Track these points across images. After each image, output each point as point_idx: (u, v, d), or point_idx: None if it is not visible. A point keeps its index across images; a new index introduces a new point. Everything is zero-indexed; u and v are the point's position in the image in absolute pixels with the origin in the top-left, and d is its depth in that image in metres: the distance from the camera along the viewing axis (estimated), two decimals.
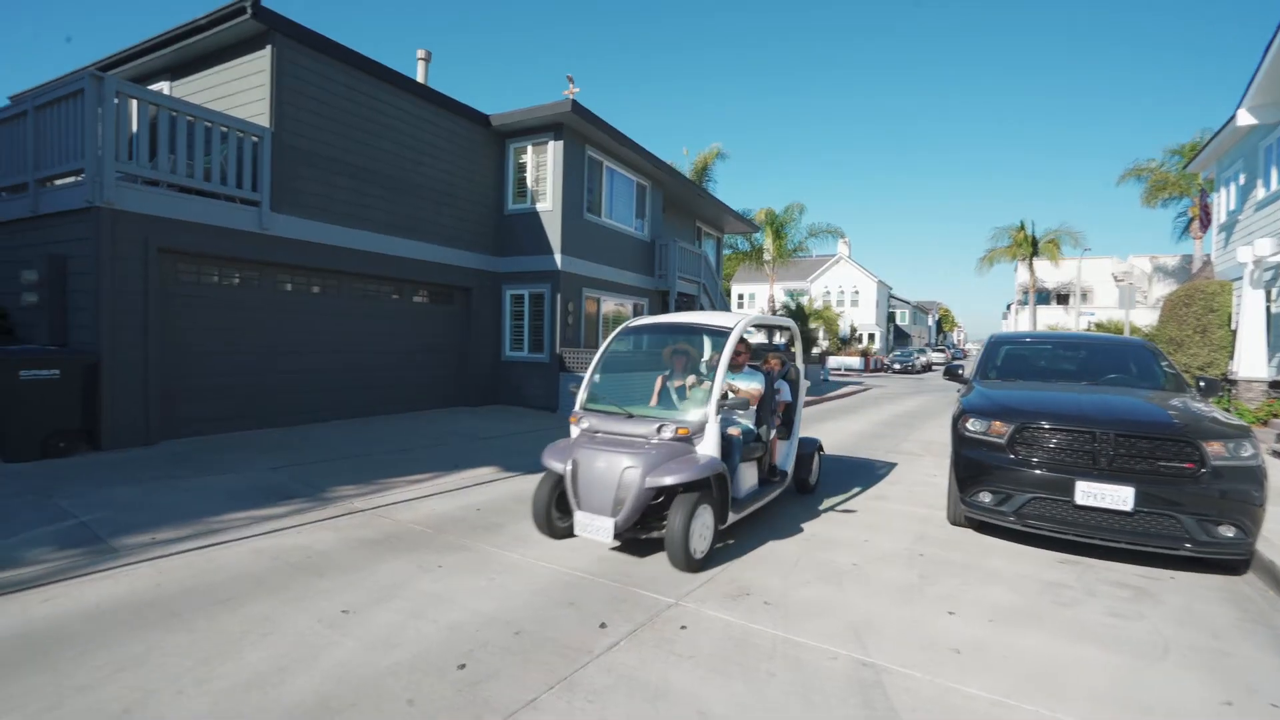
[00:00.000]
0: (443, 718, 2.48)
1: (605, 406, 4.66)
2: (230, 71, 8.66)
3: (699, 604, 3.62)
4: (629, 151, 13.05)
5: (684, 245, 15.96)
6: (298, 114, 8.57)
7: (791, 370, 6.12)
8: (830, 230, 28.40)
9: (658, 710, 2.58)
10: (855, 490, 6.61)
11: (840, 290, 52.88)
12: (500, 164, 12.17)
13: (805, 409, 16.44)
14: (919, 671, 2.91)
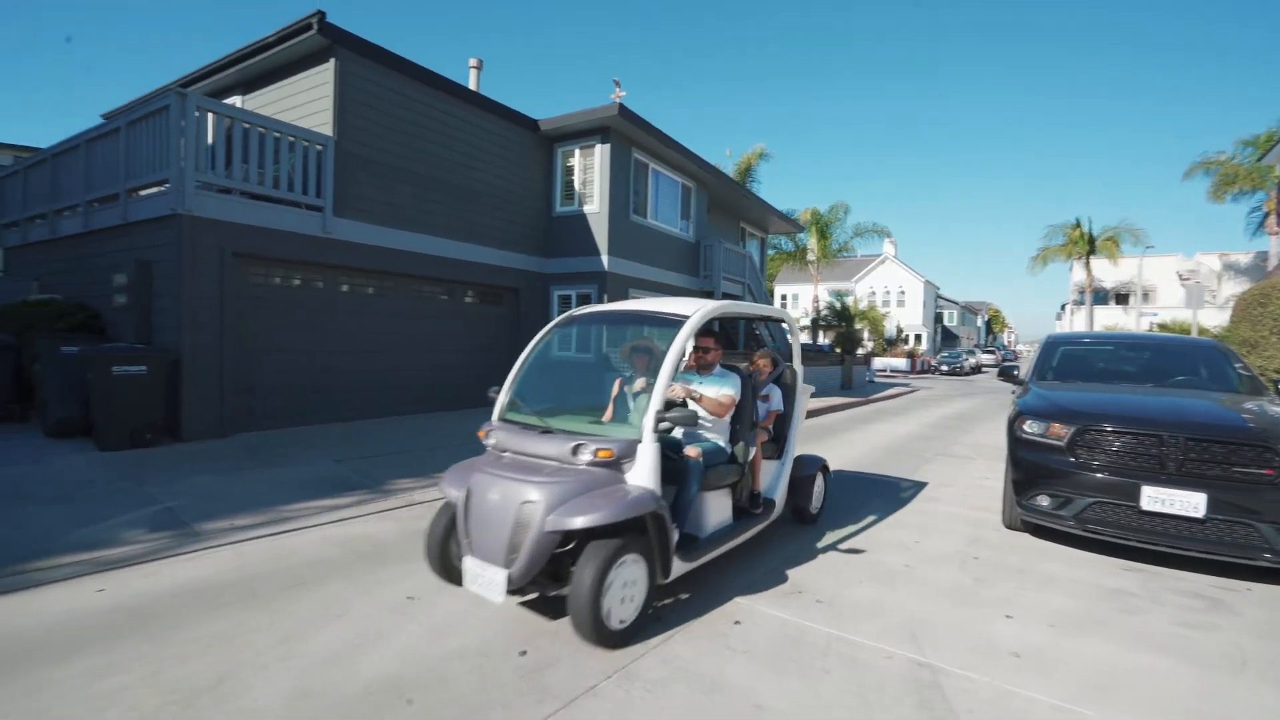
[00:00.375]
0: (506, 700, 2.60)
1: (524, 417, 3.64)
2: (296, 84, 9.10)
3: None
4: (674, 153, 13.12)
5: (728, 246, 15.94)
6: (358, 123, 8.94)
7: (787, 373, 5.08)
8: (876, 229, 27.86)
9: (714, 702, 2.65)
10: (869, 519, 5.39)
11: (886, 290, 51.79)
12: (548, 167, 12.41)
13: (848, 411, 16.30)
14: (977, 674, 2.90)
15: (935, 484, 7.01)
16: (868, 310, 34.34)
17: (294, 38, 8.43)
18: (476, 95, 10.93)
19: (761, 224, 20.93)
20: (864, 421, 12.73)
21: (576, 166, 12.18)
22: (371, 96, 9.09)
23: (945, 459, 8.65)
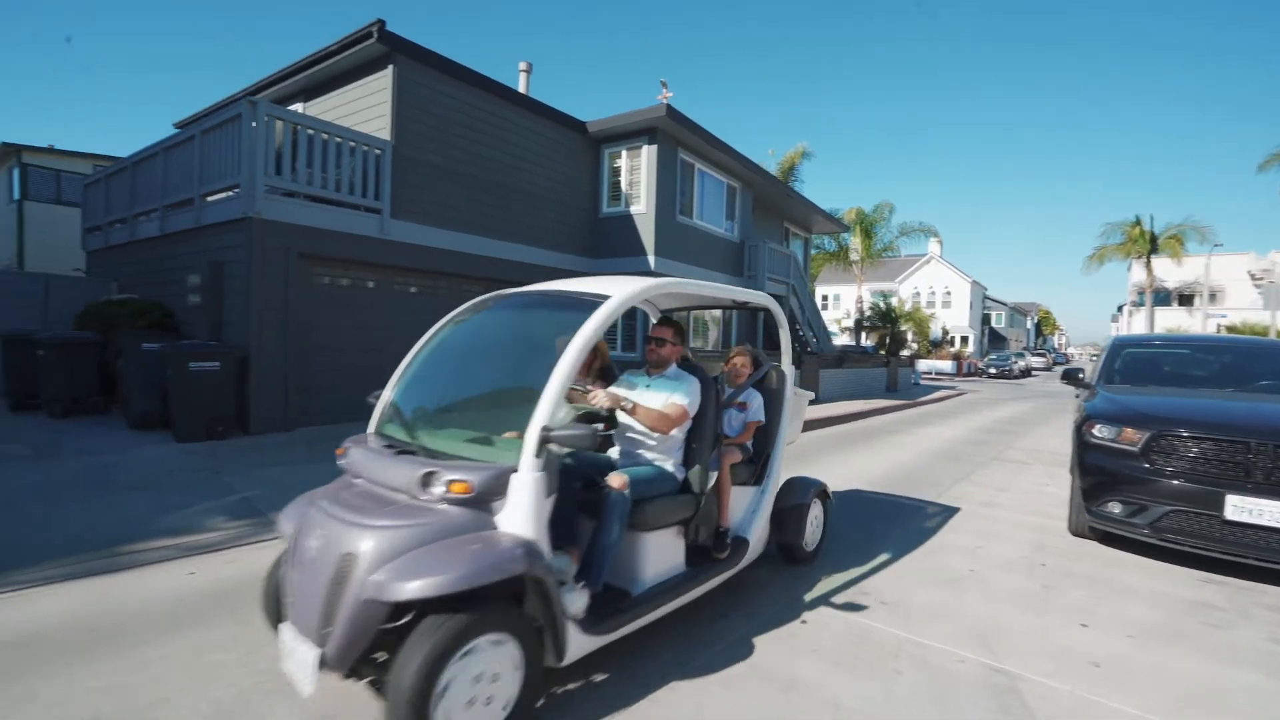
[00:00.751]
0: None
1: (397, 431, 2.88)
2: (355, 91, 9.41)
3: None
4: (720, 154, 13.10)
5: (773, 246, 15.84)
6: (414, 127, 9.20)
7: (772, 375, 4.03)
8: (923, 229, 27.27)
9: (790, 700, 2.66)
10: (927, 523, 5.07)
11: (930, 291, 50.57)
12: (595, 168, 12.53)
13: (895, 414, 15.93)
14: (1056, 681, 2.84)
15: (992, 489, 6.84)
16: (913, 311, 33.58)
17: (354, 46, 8.71)
18: (526, 98, 11.12)
19: (805, 224, 20.71)
20: (912, 425, 12.49)
21: (623, 167, 12.27)
22: (426, 101, 9.34)
23: (1000, 464, 8.43)
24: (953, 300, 50.19)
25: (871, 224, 27.38)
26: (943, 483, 7.05)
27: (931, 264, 50.83)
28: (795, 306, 17.21)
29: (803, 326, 17.81)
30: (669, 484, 3.11)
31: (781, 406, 4.00)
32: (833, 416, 12.04)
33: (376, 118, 9.02)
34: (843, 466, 7.77)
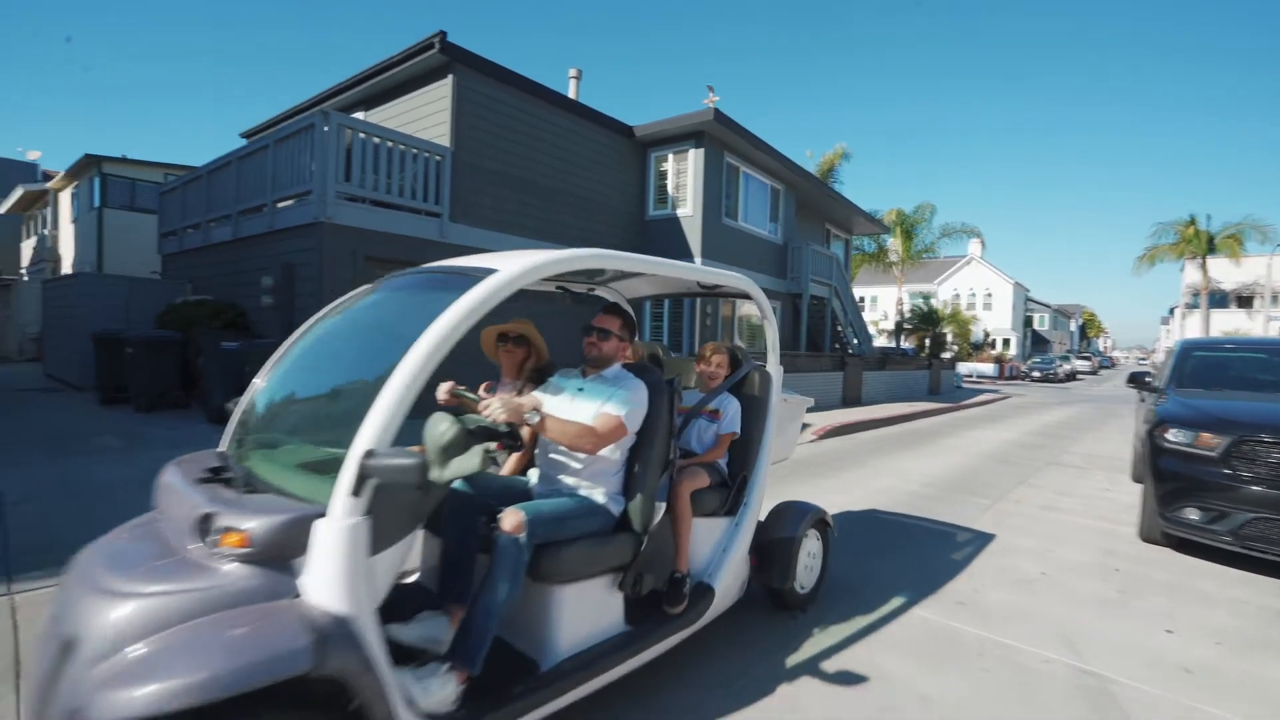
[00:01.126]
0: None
1: (240, 451, 2.20)
2: (415, 100, 9.73)
3: None
4: (765, 156, 13.15)
5: (816, 248, 15.80)
6: (471, 133, 9.48)
7: (753, 378, 3.30)
8: (965, 230, 26.83)
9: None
10: (951, 555, 4.83)
11: (971, 293, 49.54)
12: (642, 172, 12.69)
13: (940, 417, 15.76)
14: (1150, 686, 2.86)
15: (1052, 493, 6.77)
16: (955, 313, 32.99)
17: (417, 56, 9.03)
18: (575, 103, 11.34)
19: (846, 225, 20.57)
20: (960, 428, 12.35)
21: (670, 171, 12.41)
22: (483, 108, 9.62)
23: (1057, 468, 8.32)
24: (994, 302, 49.08)
25: (912, 225, 27.02)
26: (1001, 485, 7.01)
27: (972, 265, 49.80)
28: (837, 308, 17.12)
29: (844, 328, 17.70)
30: (596, 520, 2.38)
31: (765, 415, 3.21)
32: (878, 419, 11.99)
33: (436, 125, 9.32)
34: (896, 469, 7.77)
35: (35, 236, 23.99)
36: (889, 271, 29.20)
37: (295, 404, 2.39)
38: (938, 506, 5.95)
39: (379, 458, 1.60)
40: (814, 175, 16.35)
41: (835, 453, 8.84)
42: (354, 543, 1.61)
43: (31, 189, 22.63)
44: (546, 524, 2.19)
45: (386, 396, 1.70)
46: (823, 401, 13.63)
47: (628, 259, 2.46)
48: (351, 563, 1.61)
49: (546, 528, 2.19)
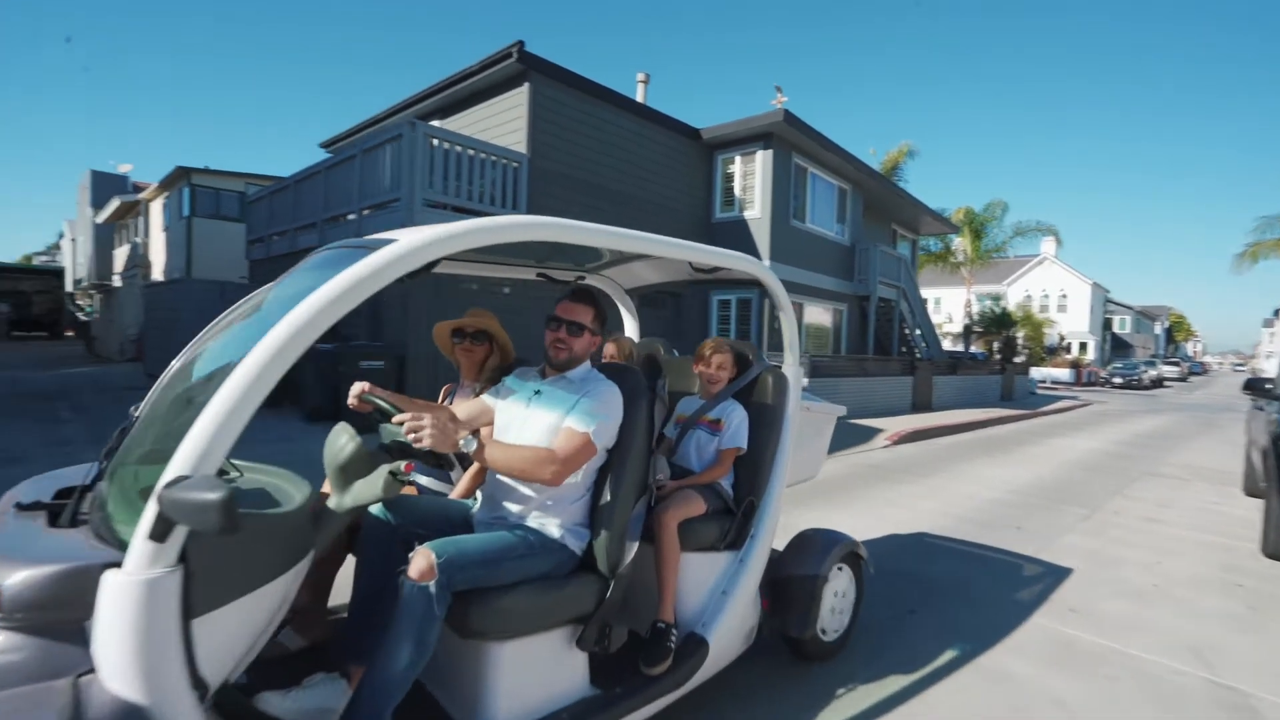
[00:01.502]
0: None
1: (116, 470, 1.62)
2: (491, 107, 10.05)
3: None
4: (832, 156, 12.96)
5: (885, 249, 15.45)
6: (546, 139, 9.72)
7: (766, 381, 2.76)
8: (1041, 228, 25.67)
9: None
10: (1059, 561, 4.57)
11: (1044, 294, 47.25)
12: (708, 174, 12.70)
13: (1016, 425, 15.12)
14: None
15: (1153, 505, 6.42)
16: (1029, 315, 31.55)
17: (494, 65, 9.33)
18: (643, 107, 11.47)
19: (913, 225, 20.03)
20: (1041, 435, 11.83)
21: (736, 173, 12.38)
22: (556, 114, 9.85)
23: (1155, 479, 7.87)
24: (1069, 304, 46.67)
25: (982, 224, 26.04)
26: (1095, 496, 6.69)
27: (1045, 264, 47.50)
28: (905, 310, 16.67)
29: (911, 330, 17.21)
30: (547, 560, 1.91)
31: (780, 427, 2.67)
32: (951, 425, 11.63)
33: (512, 131, 9.60)
34: (977, 476, 7.53)
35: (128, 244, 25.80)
36: (955, 272, 28.20)
37: (176, 406, 1.71)
38: (1029, 515, 5.73)
39: (177, 490, 1.14)
40: (881, 175, 15.98)
41: (912, 459, 8.62)
42: (152, 604, 1.18)
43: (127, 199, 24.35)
44: (472, 566, 1.71)
45: (215, 406, 1.24)
46: (892, 406, 13.29)
47: (579, 230, 1.89)
48: (148, 632, 1.19)
49: (472, 571, 1.71)
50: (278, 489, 1.65)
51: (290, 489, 1.64)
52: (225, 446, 1.25)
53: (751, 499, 2.58)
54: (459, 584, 1.69)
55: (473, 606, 1.72)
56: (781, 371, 2.78)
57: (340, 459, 1.57)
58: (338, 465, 1.57)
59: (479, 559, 1.75)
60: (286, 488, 1.66)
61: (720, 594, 2.44)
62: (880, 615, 3.35)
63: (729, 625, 2.40)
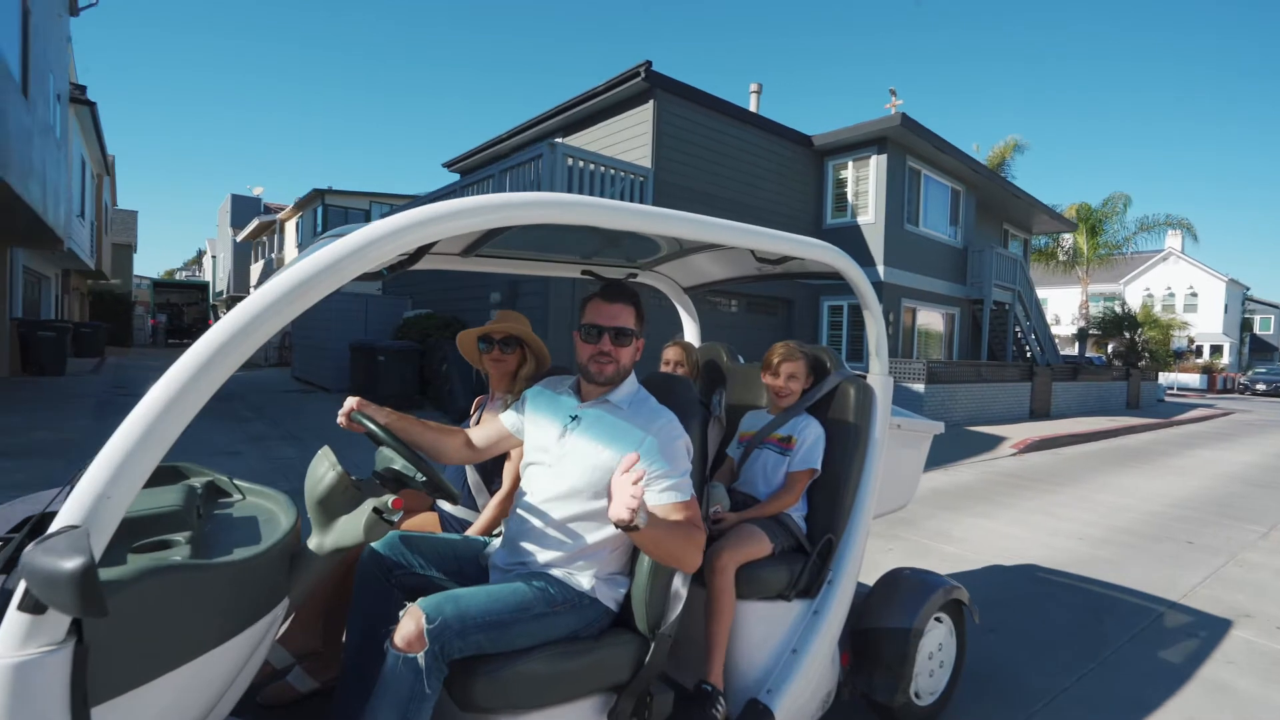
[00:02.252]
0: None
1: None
2: (616, 124, 10.56)
3: None
4: (947, 157, 12.69)
5: (1000, 251, 14.90)
6: (667, 154, 10.13)
7: (846, 392, 2.31)
8: (1171, 223, 23.78)
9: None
10: (1253, 576, 4.72)
11: (1167, 292, 43.50)
12: (819, 181, 12.74)
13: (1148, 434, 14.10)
14: None
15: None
16: (1155, 316, 29.35)
17: (622, 84, 9.83)
18: (757, 117, 11.68)
19: (1025, 224, 19.13)
20: (1181, 446, 11.11)
21: (849, 178, 12.35)
22: (678, 129, 10.24)
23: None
24: (1199, 303, 42.74)
25: (1100, 220, 24.44)
26: (1268, 512, 6.32)
27: (1169, 260, 43.71)
28: (1020, 314, 15.98)
29: (1026, 335, 16.46)
30: (572, 619, 1.59)
31: (866, 447, 2.24)
32: (1077, 434, 11.12)
33: (637, 147, 10.06)
34: (1122, 487, 7.26)
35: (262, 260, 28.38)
36: (1068, 272, 26.56)
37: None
38: (1197, 530, 5.53)
39: (36, 553, 0.86)
40: (996, 173, 15.41)
41: (1045, 467, 8.39)
42: (25, 695, 0.91)
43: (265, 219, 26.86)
44: (474, 632, 1.41)
45: (122, 434, 0.98)
46: (1009, 413, 12.84)
47: (599, 209, 1.42)
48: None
49: (474, 638, 1.41)
50: (270, 520, 1.43)
51: (282, 520, 1.41)
52: (134, 483, 0.95)
53: (830, 536, 2.14)
54: (457, 650, 1.37)
55: (477, 676, 1.41)
56: (866, 381, 2.32)
57: (319, 491, 1.30)
58: (316, 499, 1.31)
59: (483, 621, 1.42)
60: (279, 519, 1.43)
61: (790, 652, 2.02)
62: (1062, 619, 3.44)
63: (800, 690, 1.97)
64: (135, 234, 27.08)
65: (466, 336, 2.35)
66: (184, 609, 1.09)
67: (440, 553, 1.72)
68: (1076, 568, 4.35)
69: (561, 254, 2.45)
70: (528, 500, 1.68)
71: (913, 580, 2.42)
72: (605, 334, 1.67)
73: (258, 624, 1.21)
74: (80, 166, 13.53)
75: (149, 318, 29.35)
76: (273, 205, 30.10)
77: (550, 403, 1.78)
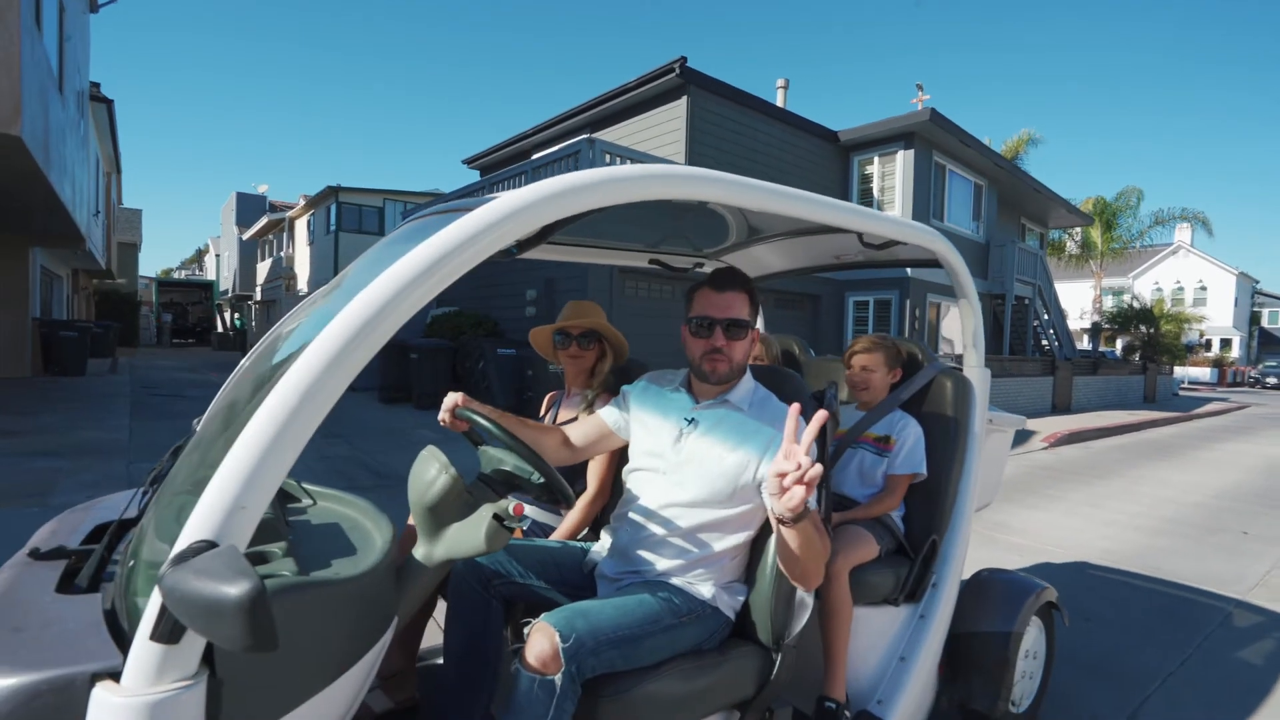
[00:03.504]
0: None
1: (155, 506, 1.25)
2: (648, 120, 10.61)
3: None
4: (971, 152, 12.73)
5: (1022, 246, 14.96)
6: (700, 149, 10.18)
7: (944, 387, 2.22)
8: (1186, 216, 23.76)
9: None
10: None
11: (1177, 285, 43.46)
12: (844, 176, 12.78)
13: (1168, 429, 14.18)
14: None
15: None
16: (1175, 311, 29.33)
17: (656, 80, 9.88)
18: (785, 113, 11.73)
19: (1041, 218, 19.18)
20: (1207, 440, 11.18)
21: (875, 174, 12.39)
22: (709, 124, 10.29)
23: None
24: (1208, 296, 42.71)
25: (1114, 214, 24.42)
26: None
27: (1179, 254, 43.66)
28: (1040, 308, 16.03)
29: (1045, 329, 16.52)
30: (698, 631, 1.49)
31: (967, 446, 2.13)
32: (1104, 427, 11.19)
33: (670, 143, 10.11)
34: (1160, 480, 7.34)
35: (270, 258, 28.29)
36: (1079, 266, 26.54)
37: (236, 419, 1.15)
38: (1249, 521, 5.61)
39: (183, 574, 0.74)
40: (1019, 168, 15.43)
41: (1080, 461, 8.46)
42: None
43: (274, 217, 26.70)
44: (608, 649, 1.31)
45: (253, 434, 0.86)
46: (1032, 407, 12.90)
47: (751, 189, 1.33)
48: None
49: (608, 655, 1.31)
50: (355, 529, 1.29)
51: (370, 529, 1.28)
52: (269, 489, 0.85)
53: (935, 537, 2.05)
54: (590, 669, 1.28)
55: (603, 698, 1.30)
56: (963, 374, 2.21)
57: (430, 497, 1.20)
58: (426, 505, 1.21)
59: (616, 637, 1.32)
60: (365, 527, 1.30)
61: (898, 660, 1.95)
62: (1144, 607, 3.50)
63: (909, 700, 1.88)
64: (140, 233, 27.09)
65: (541, 332, 2.24)
66: (309, 634, 0.94)
67: (540, 560, 1.62)
68: (1140, 557, 4.42)
69: (631, 242, 2.35)
70: (643, 506, 1.56)
71: (1005, 583, 2.34)
72: (718, 326, 1.53)
73: (375, 647, 1.08)
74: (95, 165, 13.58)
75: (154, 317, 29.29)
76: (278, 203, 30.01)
77: (659, 401, 1.66)
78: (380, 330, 0.94)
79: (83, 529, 1.30)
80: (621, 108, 11.00)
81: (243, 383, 1.30)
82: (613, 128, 11.32)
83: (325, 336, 0.91)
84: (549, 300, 9.34)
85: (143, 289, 31.29)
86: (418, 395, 10.06)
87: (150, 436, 6.92)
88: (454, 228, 1.02)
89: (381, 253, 1.38)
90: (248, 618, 0.69)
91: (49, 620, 0.96)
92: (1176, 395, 20.99)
